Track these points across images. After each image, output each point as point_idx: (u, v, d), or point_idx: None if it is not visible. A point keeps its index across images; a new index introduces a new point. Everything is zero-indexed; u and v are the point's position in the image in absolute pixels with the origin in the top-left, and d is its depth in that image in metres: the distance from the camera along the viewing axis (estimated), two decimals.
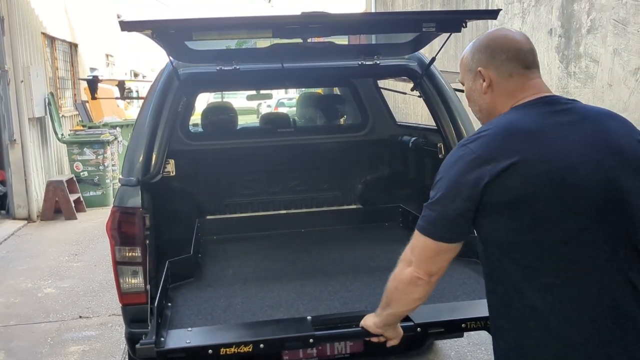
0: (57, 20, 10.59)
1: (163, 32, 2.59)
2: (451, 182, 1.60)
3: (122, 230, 2.75)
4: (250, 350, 2.23)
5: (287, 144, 4.60)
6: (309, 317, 2.47)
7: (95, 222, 8.07)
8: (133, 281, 2.76)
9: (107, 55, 15.40)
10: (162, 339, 2.33)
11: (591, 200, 1.51)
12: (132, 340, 2.66)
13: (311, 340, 2.30)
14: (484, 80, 1.70)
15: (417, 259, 1.71)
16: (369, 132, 4.80)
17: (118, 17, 15.12)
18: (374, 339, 2.16)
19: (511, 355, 1.62)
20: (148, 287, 2.74)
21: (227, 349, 2.21)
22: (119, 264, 2.75)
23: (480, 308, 2.29)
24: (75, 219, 8.51)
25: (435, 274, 1.72)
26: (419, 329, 2.34)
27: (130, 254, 2.75)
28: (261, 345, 2.25)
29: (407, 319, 2.26)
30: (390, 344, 2.18)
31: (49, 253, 6.80)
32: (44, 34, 9.82)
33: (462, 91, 2.71)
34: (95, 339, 4.39)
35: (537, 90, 1.67)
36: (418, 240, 1.70)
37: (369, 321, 2.10)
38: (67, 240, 7.35)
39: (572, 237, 1.51)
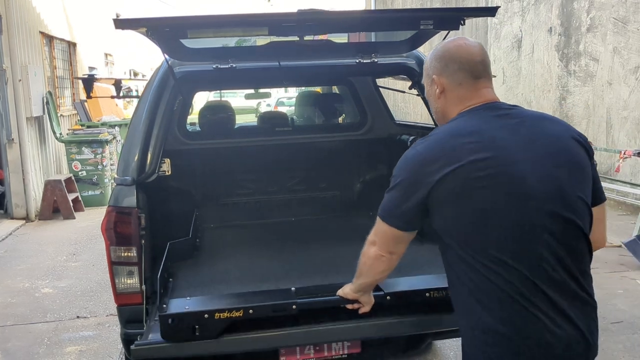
0: (55, 19, 10.57)
1: (158, 29, 2.57)
2: (404, 181, 1.80)
3: (117, 230, 2.73)
4: (241, 315, 2.45)
5: (285, 143, 4.58)
6: (293, 288, 2.65)
7: (93, 221, 8.05)
8: (129, 281, 2.75)
9: (106, 55, 15.39)
10: (164, 305, 2.55)
11: (532, 191, 1.68)
12: (127, 340, 2.66)
13: (294, 306, 2.49)
14: (437, 87, 1.88)
15: (379, 241, 1.96)
16: (367, 131, 4.78)
17: (117, 16, 15.09)
18: (349, 306, 2.41)
19: (475, 333, 1.76)
20: (144, 287, 2.73)
21: (221, 314, 2.43)
22: (114, 264, 2.74)
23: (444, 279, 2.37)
24: (74, 218, 8.49)
25: (396, 253, 1.97)
26: (388, 297, 2.55)
27: (125, 254, 2.74)
28: (250, 311, 2.46)
29: (378, 289, 2.51)
30: (362, 310, 2.42)
31: (46, 253, 6.79)
32: (42, 32, 9.79)
33: None
34: (93, 339, 4.37)
35: (483, 98, 1.83)
36: (379, 225, 1.93)
37: (346, 289, 2.36)
38: (65, 240, 7.33)
39: (516, 223, 1.68)
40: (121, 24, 2.36)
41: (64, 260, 6.48)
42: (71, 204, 8.56)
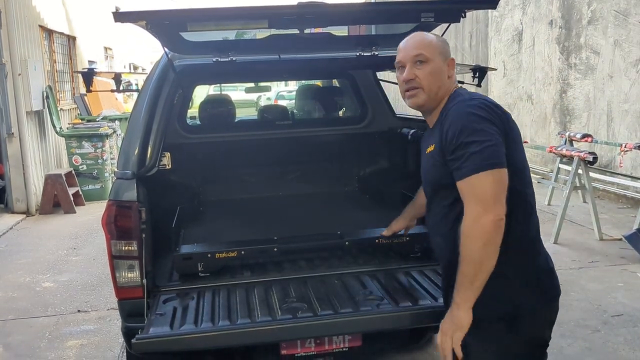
0: (54, 13, 10.54)
1: (157, 23, 2.56)
2: (492, 118, 1.92)
3: (118, 224, 2.73)
4: (235, 255, 3.03)
5: (286, 137, 4.58)
6: (275, 237, 3.16)
7: (94, 215, 8.05)
8: (129, 275, 2.76)
9: (105, 48, 15.36)
10: (178, 248, 3.04)
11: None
12: (128, 334, 2.67)
13: (275, 249, 3.07)
14: (449, 67, 2.11)
15: (491, 202, 1.83)
16: (367, 125, 4.78)
17: (116, 9, 15.05)
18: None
19: (530, 273, 1.99)
20: (144, 281, 2.73)
21: (220, 254, 3.01)
22: (115, 258, 2.75)
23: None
24: (74, 212, 8.49)
25: (504, 213, 1.86)
26: (347, 242, 3.14)
27: (126, 247, 2.74)
28: (242, 252, 3.05)
29: (340, 236, 3.16)
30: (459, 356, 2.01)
31: (47, 247, 6.79)
32: (41, 26, 9.77)
33: (462, 83, 2.74)
34: (94, 333, 4.38)
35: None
36: (484, 182, 1.84)
37: (463, 321, 1.91)
38: (66, 234, 7.34)
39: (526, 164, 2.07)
40: (120, 17, 2.35)
41: (65, 254, 6.49)
42: (71, 198, 8.56)
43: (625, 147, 6.49)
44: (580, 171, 6.43)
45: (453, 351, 1.92)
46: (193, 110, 5.58)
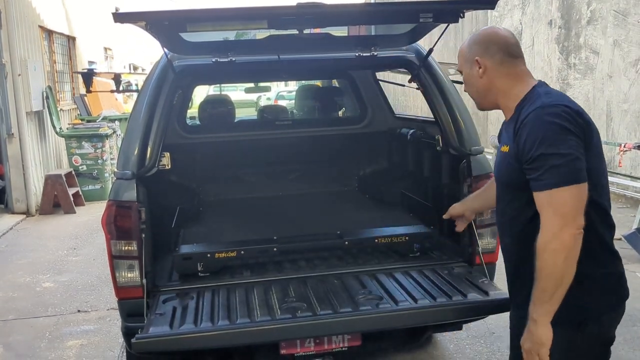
0: (54, 13, 10.55)
1: (157, 23, 2.57)
2: (574, 129, 1.83)
3: (117, 224, 2.75)
4: (234, 255, 3.06)
5: (285, 137, 4.59)
6: (275, 237, 3.21)
7: (94, 215, 8.05)
8: (129, 275, 2.77)
9: (105, 49, 15.36)
10: (177, 248, 3.07)
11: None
12: (128, 334, 2.68)
13: (275, 249, 3.13)
14: (479, 68, 2.06)
15: (570, 216, 1.79)
16: (367, 125, 4.79)
17: (116, 10, 15.05)
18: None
19: (611, 280, 2.00)
20: (144, 281, 2.74)
21: (219, 254, 3.04)
22: (114, 258, 2.76)
23: (389, 230, 3.32)
24: (74, 212, 8.50)
25: (583, 224, 1.82)
26: (346, 242, 3.18)
27: (126, 247, 2.76)
28: (242, 252, 3.09)
29: (339, 236, 3.19)
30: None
31: (47, 247, 6.80)
32: (41, 27, 9.78)
33: (460, 83, 2.76)
34: (94, 333, 4.39)
35: (529, 74, 2.09)
36: (565, 196, 1.79)
37: (542, 338, 1.86)
38: (66, 234, 7.34)
39: (603, 171, 1.97)
40: (120, 17, 2.36)
41: (65, 254, 6.49)
42: (71, 199, 8.57)
43: (624, 146, 6.50)
44: None
45: None
46: (193, 111, 5.59)
